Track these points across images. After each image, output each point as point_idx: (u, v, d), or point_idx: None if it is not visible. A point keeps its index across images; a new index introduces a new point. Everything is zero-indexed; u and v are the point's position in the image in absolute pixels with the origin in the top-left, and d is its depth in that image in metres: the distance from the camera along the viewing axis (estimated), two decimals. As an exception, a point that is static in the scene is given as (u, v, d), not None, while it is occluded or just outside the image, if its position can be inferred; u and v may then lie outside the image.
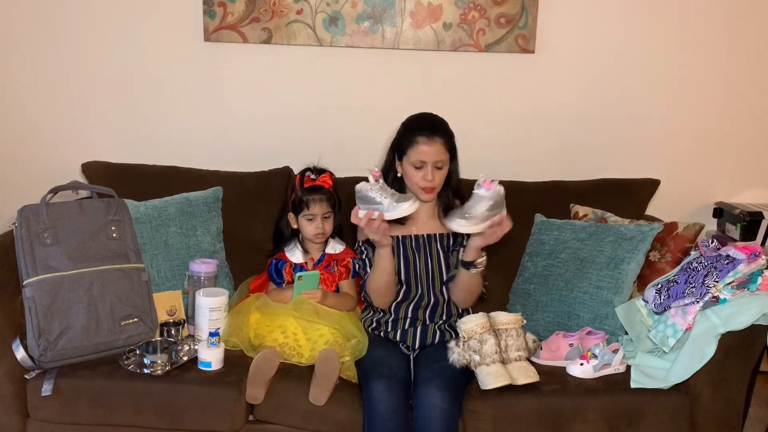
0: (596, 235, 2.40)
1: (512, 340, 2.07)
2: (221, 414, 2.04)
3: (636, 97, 2.89)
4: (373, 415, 1.97)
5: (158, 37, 2.85)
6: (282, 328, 2.19)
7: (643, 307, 2.20)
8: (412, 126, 2.25)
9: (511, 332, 2.08)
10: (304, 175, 2.43)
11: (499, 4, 2.78)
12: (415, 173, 2.20)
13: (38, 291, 2.04)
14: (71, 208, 2.20)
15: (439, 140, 2.19)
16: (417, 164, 2.19)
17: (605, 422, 2.01)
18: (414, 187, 2.23)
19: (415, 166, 2.20)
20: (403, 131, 2.26)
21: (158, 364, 2.07)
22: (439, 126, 2.23)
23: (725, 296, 2.01)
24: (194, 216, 2.51)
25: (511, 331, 2.08)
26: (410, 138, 2.21)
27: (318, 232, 2.37)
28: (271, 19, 2.79)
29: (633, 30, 2.83)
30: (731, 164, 2.95)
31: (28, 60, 2.88)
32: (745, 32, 2.83)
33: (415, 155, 2.19)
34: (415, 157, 2.19)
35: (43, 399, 2.04)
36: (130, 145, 2.91)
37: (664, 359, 2.09)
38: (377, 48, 2.83)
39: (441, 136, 2.20)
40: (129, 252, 2.22)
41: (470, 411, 2.02)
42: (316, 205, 2.36)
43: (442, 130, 2.22)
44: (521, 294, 2.47)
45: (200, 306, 2.19)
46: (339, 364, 2.07)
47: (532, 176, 2.76)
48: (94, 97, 2.91)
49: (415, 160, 2.19)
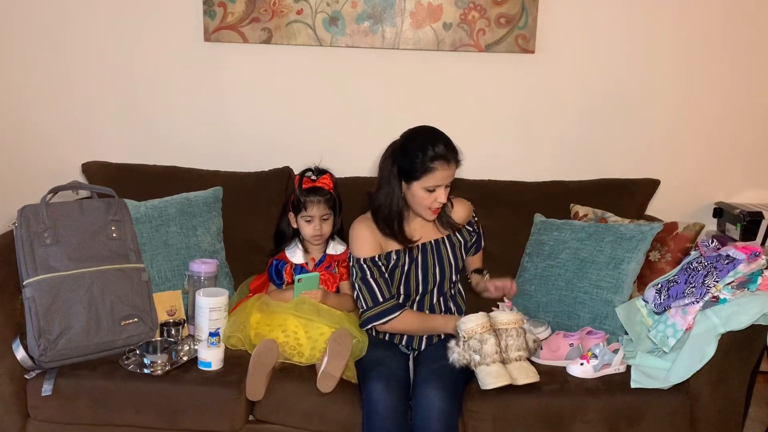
0: (596, 235, 2.40)
1: (512, 340, 2.06)
2: (221, 414, 2.04)
3: (636, 97, 2.89)
4: (373, 416, 1.97)
5: (158, 37, 2.85)
6: (283, 327, 2.19)
7: (643, 307, 2.20)
8: (423, 152, 2.10)
9: (512, 332, 2.07)
10: (304, 175, 2.43)
11: (499, 4, 2.78)
12: (427, 196, 2.15)
13: (38, 291, 2.04)
14: (71, 208, 2.20)
15: (454, 162, 2.13)
16: (431, 188, 2.14)
17: (605, 422, 2.01)
18: (420, 208, 2.19)
19: (428, 189, 2.14)
20: (412, 155, 2.12)
21: (158, 364, 2.07)
22: (452, 148, 2.13)
23: (725, 296, 2.00)
24: (194, 216, 2.51)
25: (511, 331, 2.07)
26: (426, 165, 2.10)
27: (316, 234, 2.37)
28: (271, 19, 2.79)
29: (633, 30, 2.83)
30: (731, 164, 2.95)
31: (28, 60, 2.88)
32: (745, 32, 2.83)
33: (431, 181, 2.12)
34: (431, 183, 2.12)
35: (43, 399, 2.04)
36: (130, 145, 2.91)
37: (664, 359, 2.09)
38: (377, 48, 2.83)
39: (454, 157, 2.13)
40: (129, 252, 2.22)
41: (470, 411, 2.02)
42: (314, 206, 2.36)
43: (454, 150, 2.14)
44: (522, 294, 2.46)
45: (200, 306, 2.19)
46: (351, 343, 2.06)
47: (531, 176, 2.76)
48: (94, 97, 2.91)
49: (430, 186, 2.13)
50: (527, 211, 2.61)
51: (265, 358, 2.04)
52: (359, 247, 2.22)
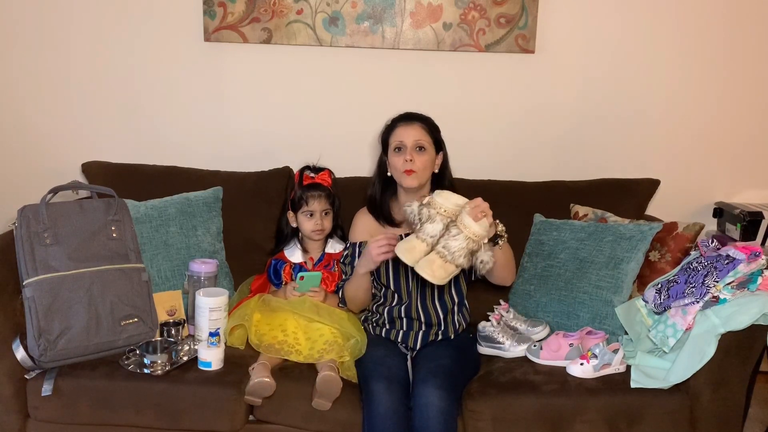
0: (595, 234, 2.40)
1: (455, 242, 1.86)
2: (221, 414, 2.04)
3: (636, 97, 2.89)
4: (373, 416, 1.97)
5: (158, 37, 2.85)
6: (282, 327, 2.20)
7: (643, 307, 2.20)
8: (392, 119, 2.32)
9: (461, 238, 1.87)
10: (303, 173, 2.44)
11: (499, 4, 2.78)
12: (397, 159, 2.22)
13: (38, 291, 2.04)
14: (71, 208, 2.19)
15: (418, 124, 2.25)
16: (398, 147, 2.22)
17: (605, 422, 2.01)
18: (397, 173, 2.24)
19: (396, 148, 2.23)
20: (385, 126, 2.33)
21: (158, 364, 2.07)
22: (417, 114, 2.28)
23: (725, 296, 2.00)
24: (194, 216, 2.51)
25: (461, 238, 1.87)
26: (390, 127, 2.28)
27: (317, 228, 2.38)
28: (271, 19, 2.79)
29: (633, 30, 2.83)
30: (731, 164, 2.95)
31: (28, 60, 2.88)
32: (744, 31, 2.83)
33: (394, 138, 2.24)
34: (394, 140, 2.23)
35: (43, 399, 2.04)
36: (130, 145, 2.91)
37: (664, 359, 2.09)
38: (377, 48, 2.83)
39: (419, 121, 2.26)
40: (129, 252, 2.22)
41: (470, 411, 2.02)
42: (315, 201, 2.37)
43: (421, 117, 2.27)
44: (521, 295, 2.47)
45: (200, 306, 2.19)
46: (340, 383, 2.04)
47: (531, 176, 2.76)
48: (94, 97, 2.91)
49: (394, 144, 2.23)
50: (527, 211, 2.60)
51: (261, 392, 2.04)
52: (352, 232, 2.38)
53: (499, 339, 2.24)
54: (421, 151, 2.22)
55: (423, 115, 2.30)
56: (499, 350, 2.24)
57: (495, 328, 2.26)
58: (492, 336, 2.25)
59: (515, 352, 2.22)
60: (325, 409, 2.03)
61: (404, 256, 1.91)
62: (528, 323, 2.33)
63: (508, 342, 2.23)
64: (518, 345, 2.23)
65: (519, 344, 2.23)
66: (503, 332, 2.25)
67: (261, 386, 2.02)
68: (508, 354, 2.23)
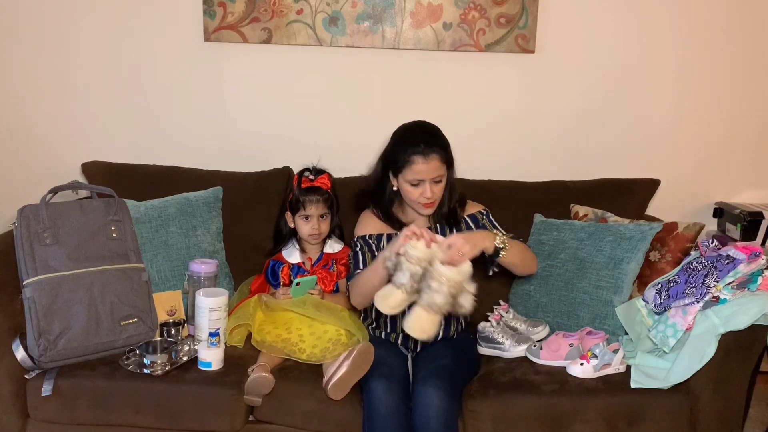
0: (595, 235, 2.40)
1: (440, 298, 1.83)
2: (221, 414, 2.04)
3: (636, 97, 2.89)
4: (374, 416, 1.97)
5: (158, 37, 2.85)
6: (287, 325, 2.20)
7: (643, 307, 2.20)
8: (404, 143, 2.15)
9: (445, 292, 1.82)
10: (302, 175, 2.44)
11: (499, 4, 2.78)
12: (413, 190, 2.15)
13: (38, 291, 2.04)
14: (71, 208, 2.20)
15: (436, 156, 2.11)
16: (414, 182, 2.14)
17: (605, 422, 2.01)
18: (413, 203, 2.21)
19: (412, 183, 2.14)
20: (395, 147, 2.18)
21: (158, 364, 2.07)
22: (433, 140, 2.14)
23: (725, 296, 2.01)
24: (194, 216, 2.51)
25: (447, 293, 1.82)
26: (405, 157, 2.12)
27: (314, 233, 2.38)
28: (271, 19, 2.79)
29: (633, 30, 2.83)
30: (731, 164, 2.95)
31: (28, 60, 2.88)
32: (744, 32, 2.83)
33: (411, 174, 2.13)
34: (412, 176, 2.13)
35: (43, 399, 2.04)
36: (130, 145, 2.90)
37: (664, 359, 2.09)
38: (377, 48, 2.83)
39: (437, 152, 2.12)
40: (129, 252, 2.22)
41: (470, 411, 2.02)
42: (312, 205, 2.37)
43: (438, 144, 2.13)
44: (521, 295, 2.47)
45: (200, 306, 2.19)
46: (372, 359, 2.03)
47: (531, 176, 2.76)
48: (94, 97, 2.90)
49: (411, 179, 2.14)
50: (527, 211, 2.61)
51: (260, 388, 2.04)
52: (357, 227, 2.32)
53: (499, 339, 2.24)
54: (439, 182, 2.16)
55: (437, 138, 2.15)
56: (499, 350, 2.24)
57: (495, 328, 2.26)
58: (492, 336, 2.25)
59: (515, 352, 2.22)
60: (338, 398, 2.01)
61: (379, 303, 1.89)
62: (528, 323, 2.33)
63: (508, 342, 2.23)
64: (518, 345, 2.23)
65: (519, 344, 2.23)
66: (503, 332, 2.26)
67: (260, 381, 2.02)
68: (508, 354, 2.23)
